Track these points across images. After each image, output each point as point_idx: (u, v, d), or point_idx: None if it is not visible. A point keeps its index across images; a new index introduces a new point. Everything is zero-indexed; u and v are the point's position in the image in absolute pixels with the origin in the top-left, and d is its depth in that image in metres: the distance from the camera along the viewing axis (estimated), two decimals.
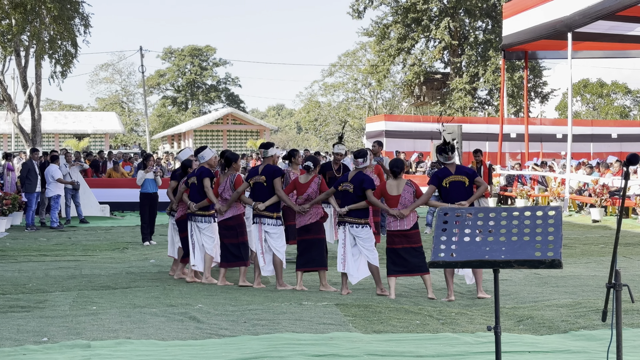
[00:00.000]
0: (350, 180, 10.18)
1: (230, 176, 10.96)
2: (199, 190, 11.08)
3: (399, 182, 10.00)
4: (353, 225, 10.10)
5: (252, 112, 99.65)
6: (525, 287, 10.72)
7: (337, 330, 7.91)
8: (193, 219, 11.18)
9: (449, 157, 9.90)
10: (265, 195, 10.58)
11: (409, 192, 9.90)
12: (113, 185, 24.18)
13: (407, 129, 41.50)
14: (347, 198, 10.13)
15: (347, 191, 10.13)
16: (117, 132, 62.91)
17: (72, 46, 35.70)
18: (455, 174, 9.83)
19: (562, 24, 23.40)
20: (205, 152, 11.40)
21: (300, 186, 10.63)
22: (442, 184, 9.81)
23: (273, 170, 10.66)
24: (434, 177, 9.96)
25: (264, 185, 10.59)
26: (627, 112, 76.47)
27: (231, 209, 10.91)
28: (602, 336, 7.57)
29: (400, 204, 9.86)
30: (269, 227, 10.58)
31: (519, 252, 4.39)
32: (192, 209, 11.08)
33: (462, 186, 9.79)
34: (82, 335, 7.70)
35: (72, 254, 14.53)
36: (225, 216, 10.92)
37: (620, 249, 14.07)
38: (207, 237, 11.14)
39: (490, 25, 50.93)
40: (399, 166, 10.11)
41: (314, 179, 10.60)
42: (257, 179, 10.65)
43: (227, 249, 10.95)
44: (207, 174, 11.08)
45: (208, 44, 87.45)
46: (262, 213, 10.55)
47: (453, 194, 9.76)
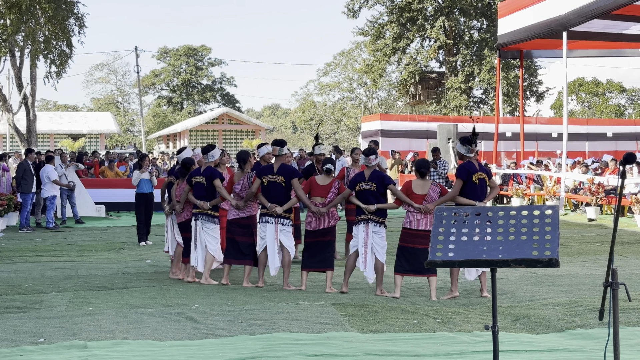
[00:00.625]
0: (369, 178, 10.11)
1: (248, 175, 10.91)
2: (207, 189, 11.05)
3: (424, 182, 9.92)
4: (376, 224, 10.05)
5: (248, 111, 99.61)
6: (522, 286, 10.72)
7: (334, 330, 7.91)
8: (200, 218, 11.14)
9: (472, 149, 9.72)
10: (282, 195, 10.52)
11: (435, 192, 9.81)
12: (109, 186, 24.16)
13: (402, 128, 41.48)
14: (369, 196, 10.05)
15: (369, 190, 10.06)
16: (112, 132, 62.88)
17: (67, 46, 35.66)
18: (480, 171, 9.72)
19: (557, 23, 23.42)
20: (215, 151, 11.37)
21: (319, 188, 10.56)
22: (472, 180, 9.64)
23: (292, 171, 10.62)
24: (464, 170, 9.72)
25: (282, 185, 10.53)
26: (622, 110, 76.53)
27: (247, 208, 10.88)
28: (598, 335, 7.58)
29: (426, 202, 9.78)
30: (286, 227, 10.58)
31: (516, 251, 4.39)
32: (205, 208, 11.04)
33: (485, 184, 9.70)
34: (78, 335, 7.69)
35: (68, 255, 14.51)
36: (241, 215, 10.86)
37: (616, 248, 14.09)
38: (212, 238, 11.12)
39: (486, 24, 50.95)
40: (426, 166, 10.00)
41: (333, 183, 10.54)
42: (273, 179, 10.55)
43: (237, 247, 10.86)
44: (217, 174, 11.07)
45: (203, 44, 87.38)
46: (281, 214, 10.52)
47: (480, 191, 9.64)
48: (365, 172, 10.29)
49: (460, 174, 9.72)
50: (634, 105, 76.27)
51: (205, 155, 11.35)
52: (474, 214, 4.69)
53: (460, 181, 9.71)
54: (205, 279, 11.07)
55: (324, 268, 10.54)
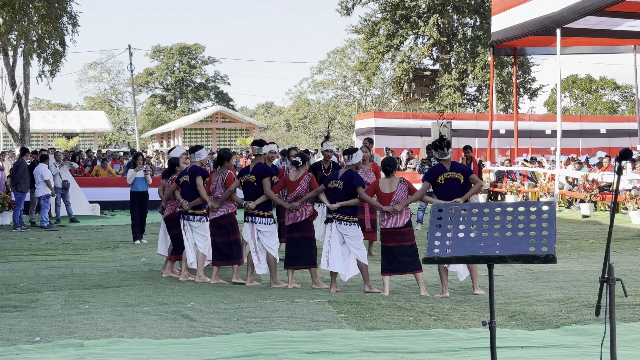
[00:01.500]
0: (340, 177, 10.18)
1: (222, 174, 10.96)
2: (191, 188, 11.07)
3: (391, 180, 9.98)
4: (341, 222, 10.07)
5: (242, 110, 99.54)
6: (517, 283, 10.74)
7: (330, 327, 7.91)
8: (186, 218, 11.17)
9: (445, 153, 9.84)
10: (256, 194, 10.57)
11: (402, 190, 9.87)
12: (103, 184, 24.12)
13: (396, 125, 41.52)
14: (336, 195, 10.12)
15: (337, 188, 10.12)
16: (106, 131, 62.83)
17: (60, 45, 35.65)
18: (451, 171, 9.80)
19: (551, 20, 23.43)
20: (201, 151, 11.41)
21: (290, 184, 10.61)
22: (437, 181, 9.79)
23: (262, 170, 10.65)
24: (429, 173, 9.95)
25: (254, 184, 10.58)
26: (616, 107, 76.71)
27: (222, 208, 10.90)
28: (594, 331, 7.60)
29: (393, 201, 9.83)
30: (261, 226, 10.57)
31: (513, 247, 4.40)
32: (185, 207, 11.07)
33: (457, 183, 9.77)
34: (74, 334, 7.68)
35: (63, 253, 14.49)
36: (217, 215, 10.91)
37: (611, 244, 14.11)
38: (200, 236, 11.13)
39: (479, 21, 51.02)
40: (391, 165, 10.08)
41: (303, 177, 10.58)
42: (247, 178, 10.64)
43: (218, 248, 10.94)
44: (199, 172, 11.07)
45: (197, 42, 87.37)
46: (254, 212, 10.55)
47: (448, 190, 9.74)
48: (339, 171, 10.39)
49: (426, 176, 10.03)
50: (627, 102, 76.38)
51: (192, 155, 11.39)
52: (471, 211, 4.70)
53: (426, 183, 9.98)
54: (199, 277, 11.08)
55: (303, 265, 10.56)
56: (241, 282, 10.81)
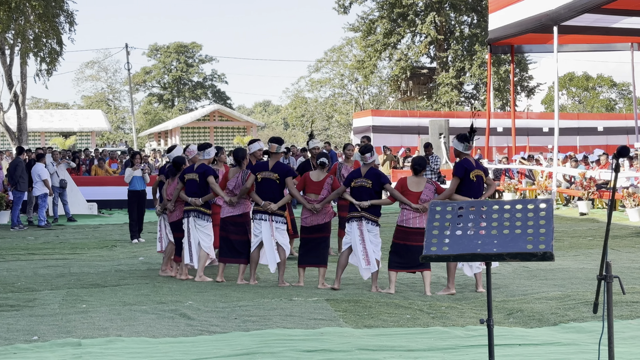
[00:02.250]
0: (365, 175, 10.07)
1: (242, 173, 10.86)
2: (200, 186, 11.03)
3: (419, 179, 9.88)
4: (370, 222, 10.01)
5: (239, 108, 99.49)
6: (515, 280, 10.75)
7: (328, 326, 7.91)
8: (192, 215, 11.10)
9: (470, 146, 9.63)
10: (275, 193, 10.49)
11: (430, 190, 9.77)
12: (100, 183, 24.10)
13: (394, 124, 41.53)
14: (363, 194, 10.02)
15: (364, 187, 10.03)
16: (103, 129, 62.74)
17: (57, 44, 35.61)
18: (477, 168, 9.66)
19: (548, 17, 23.45)
20: (210, 149, 11.41)
21: (313, 184, 10.56)
22: (469, 177, 9.56)
23: (286, 170, 10.61)
24: (461, 168, 9.59)
25: (277, 183, 10.50)
26: (613, 105, 76.75)
27: (241, 206, 10.86)
28: (591, 328, 7.61)
29: (421, 200, 9.73)
30: (279, 225, 10.54)
31: (510, 245, 4.39)
32: (197, 203, 11.02)
33: (482, 181, 9.66)
34: (72, 333, 7.68)
35: (61, 253, 14.48)
36: (234, 212, 10.85)
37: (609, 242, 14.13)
38: (205, 235, 11.08)
39: (476, 19, 51.04)
40: (421, 164, 9.94)
41: (326, 179, 10.54)
42: (268, 176, 10.53)
43: (232, 245, 10.85)
44: (211, 171, 11.06)
45: (194, 41, 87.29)
46: (274, 212, 10.49)
47: (477, 188, 9.56)
48: (361, 169, 10.24)
49: (458, 171, 9.60)
50: (624, 99, 76.45)
51: (200, 152, 11.36)
52: (469, 208, 4.69)
53: (457, 179, 9.61)
54: (199, 276, 11.05)
55: (317, 264, 10.55)
56: (245, 283, 10.76)
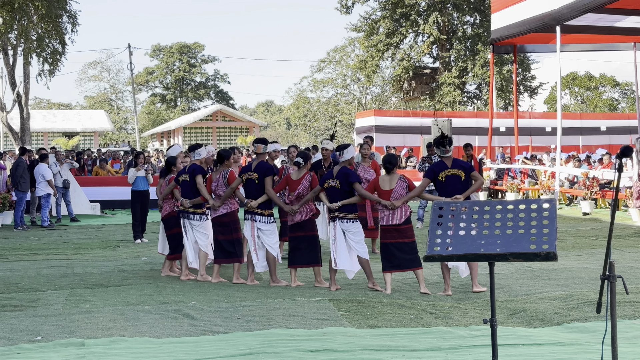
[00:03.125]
0: (336, 176, 10.14)
1: (224, 172, 10.95)
2: (191, 187, 11.07)
3: (391, 177, 9.98)
4: (344, 220, 10.07)
5: (242, 108, 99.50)
6: (518, 280, 10.74)
7: (331, 326, 7.92)
8: (186, 217, 11.16)
9: (447, 150, 9.81)
10: (257, 192, 10.56)
11: (402, 187, 9.87)
12: (103, 184, 24.12)
13: (396, 124, 41.52)
14: (335, 194, 10.10)
15: (334, 187, 10.10)
16: (106, 130, 62.82)
17: (60, 44, 35.65)
18: (452, 168, 9.76)
19: (551, 17, 23.41)
20: (201, 149, 11.43)
21: (292, 183, 10.59)
22: (438, 178, 9.77)
23: (265, 168, 10.63)
24: (430, 170, 9.91)
25: (256, 182, 10.57)
26: (616, 104, 76.70)
27: (225, 206, 10.90)
28: (595, 328, 7.60)
29: (392, 198, 9.84)
30: (261, 224, 10.55)
31: (514, 245, 4.40)
32: (186, 206, 11.08)
33: (458, 180, 9.73)
34: (75, 333, 7.69)
35: (64, 253, 14.50)
36: (219, 212, 10.91)
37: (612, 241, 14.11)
38: (201, 234, 11.12)
39: (479, 19, 50.99)
40: (392, 162, 10.07)
41: (305, 176, 10.56)
42: (249, 176, 10.64)
43: (220, 246, 10.94)
44: (199, 171, 11.07)
45: (196, 41, 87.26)
46: (255, 210, 10.54)
47: (449, 188, 9.71)
48: (334, 168, 10.32)
49: (427, 173, 9.98)
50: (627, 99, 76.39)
51: (191, 153, 11.41)
52: (472, 208, 4.69)
53: (425, 179, 9.93)
54: (201, 275, 11.08)
55: (309, 264, 10.55)
56: (242, 281, 10.80)
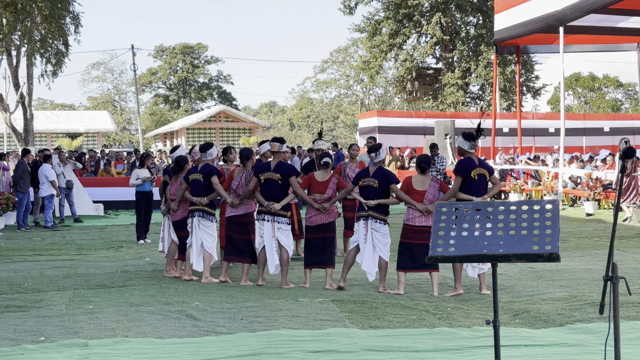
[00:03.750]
0: (373, 175, 10.06)
1: (246, 173, 10.90)
2: (203, 186, 11.05)
3: (424, 178, 9.87)
4: (377, 221, 10.02)
5: (245, 109, 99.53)
6: (521, 281, 10.74)
7: (334, 326, 7.92)
8: (197, 215, 11.11)
9: (475, 145, 9.64)
10: (279, 193, 10.45)
11: (435, 188, 9.78)
12: (107, 184, 24.14)
13: (399, 124, 41.54)
14: (370, 193, 10.02)
15: (371, 186, 10.02)
16: (109, 130, 62.81)
17: (63, 45, 35.70)
18: (480, 167, 9.66)
19: (554, 18, 23.42)
20: (212, 149, 11.38)
21: (317, 184, 10.56)
22: (471, 176, 9.58)
23: (288, 169, 10.54)
24: (462, 167, 9.65)
25: (279, 183, 10.44)
26: (619, 105, 76.61)
27: (244, 206, 10.86)
28: (598, 329, 7.60)
29: (426, 199, 9.74)
30: (283, 225, 10.49)
31: (517, 246, 4.40)
32: (203, 202, 11.03)
33: (485, 180, 9.64)
34: (79, 334, 7.70)
35: (67, 253, 14.51)
36: (238, 212, 10.86)
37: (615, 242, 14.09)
38: (208, 235, 11.08)
39: (482, 20, 51.01)
40: (427, 162, 9.95)
41: (332, 178, 10.54)
42: (270, 176, 10.46)
43: (235, 245, 10.87)
44: (215, 171, 11.07)
45: (200, 42, 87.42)
46: (278, 212, 10.45)
47: (480, 186, 9.56)
48: (370, 168, 10.24)
49: (459, 171, 9.70)
50: (630, 100, 76.31)
51: (203, 153, 11.38)
52: (474, 209, 4.69)
53: (460, 178, 9.67)
54: (205, 277, 11.04)
55: (324, 265, 10.54)
56: (249, 284, 10.72)
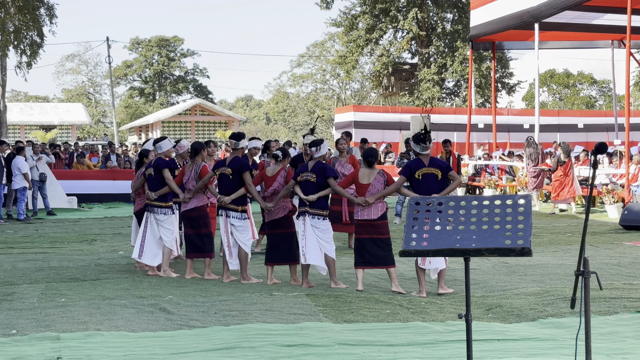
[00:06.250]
0: (312, 169, 10.05)
1: (196, 166, 10.84)
2: (155, 181, 10.92)
3: (371, 171, 9.87)
4: (314, 217, 9.98)
5: (221, 103, 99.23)
6: (494, 276, 10.80)
7: (308, 320, 7.93)
8: (151, 210, 11.02)
9: (426, 147, 9.67)
10: (231, 188, 10.36)
11: (379, 182, 9.75)
12: (81, 177, 23.99)
13: (375, 119, 41.65)
14: (309, 188, 10.01)
15: (309, 181, 10.01)
16: (84, 123, 62.44)
17: (37, 36, 35.41)
18: (429, 166, 9.61)
19: (529, 14, 23.55)
20: (163, 142, 11.20)
21: (267, 179, 10.52)
22: (415, 176, 9.60)
23: (241, 164, 10.46)
24: (406, 167, 9.74)
25: (230, 177, 10.39)
26: (593, 102, 77.21)
27: (194, 200, 10.78)
28: (570, 324, 7.66)
29: (369, 192, 9.71)
30: (235, 220, 10.37)
31: (489, 240, 4.42)
32: (152, 197, 10.93)
33: (435, 179, 9.57)
34: (51, 327, 7.65)
35: (40, 246, 14.41)
36: (188, 207, 10.79)
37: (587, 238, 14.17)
38: (166, 230, 10.96)
39: (458, 15, 51.17)
40: (374, 155, 9.98)
41: (280, 172, 10.46)
42: (223, 171, 10.43)
43: (190, 240, 10.85)
44: (165, 164, 10.90)
45: (175, 35, 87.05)
46: (228, 206, 10.37)
47: (425, 186, 9.53)
48: (309, 162, 10.24)
49: (403, 171, 9.80)
50: (604, 96, 76.92)
51: (155, 147, 11.26)
52: (448, 204, 4.71)
53: (403, 177, 9.76)
54: (164, 271, 10.93)
55: (284, 261, 10.44)
56: (214, 277, 10.67)
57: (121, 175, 24.12)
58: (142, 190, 11.47)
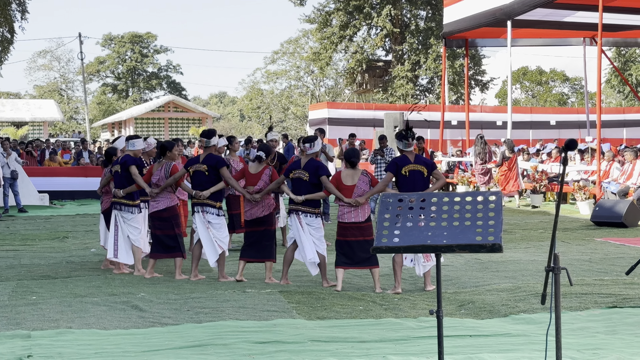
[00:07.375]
0: (304, 167, 9.95)
1: (166, 165, 10.66)
2: (122, 178, 10.80)
3: (354, 172, 9.79)
4: (307, 215, 9.91)
5: (194, 99, 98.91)
6: (467, 272, 10.85)
7: (281, 317, 7.93)
8: (118, 208, 10.91)
9: (409, 143, 9.64)
10: (207, 184, 10.26)
11: (365, 182, 9.69)
12: (52, 174, 23.80)
13: (349, 116, 41.66)
14: (301, 186, 9.94)
15: (301, 179, 9.93)
16: (56, 120, 61.93)
17: (8, 32, 35.10)
18: (415, 163, 9.59)
19: (502, 11, 23.64)
20: (137, 141, 11.12)
21: (251, 176, 10.42)
22: (401, 172, 9.55)
23: (217, 160, 10.40)
24: (392, 164, 9.66)
25: (205, 174, 10.30)
26: (565, 99, 77.73)
27: (164, 201, 10.59)
28: (541, 319, 7.71)
29: (355, 194, 9.63)
30: (211, 217, 10.27)
31: (460, 236, 4.43)
32: (119, 195, 10.82)
33: (421, 176, 9.55)
34: (22, 325, 7.60)
35: (11, 244, 14.29)
36: (159, 207, 10.60)
37: (558, 234, 14.31)
38: (133, 228, 10.85)
39: (431, 13, 51.37)
40: (356, 156, 9.92)
41: (264, 170, 10.38)
42: (197, 167, 10.33)
43: (159, 240, 10.62)
44: (132, 161, 10.77)
45: (149, 31, 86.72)
46: (205, 202, 10.27)
47: (411, 183, 9.51)
48: (301, 160, 10.15)
49: (389, 167, 9.74)
50: (576, 94, 77.47)
51: (127, 142, 11.14)
52: (419, 200, 4.72)
53: (390, 174, 9.70)
54: (137, 270, 10.83)
55: (262, 259, 10.36)
56: (184, 277, 10.52)
57: (93, 172, 23.90)
58: (109, 188, 11.35)
